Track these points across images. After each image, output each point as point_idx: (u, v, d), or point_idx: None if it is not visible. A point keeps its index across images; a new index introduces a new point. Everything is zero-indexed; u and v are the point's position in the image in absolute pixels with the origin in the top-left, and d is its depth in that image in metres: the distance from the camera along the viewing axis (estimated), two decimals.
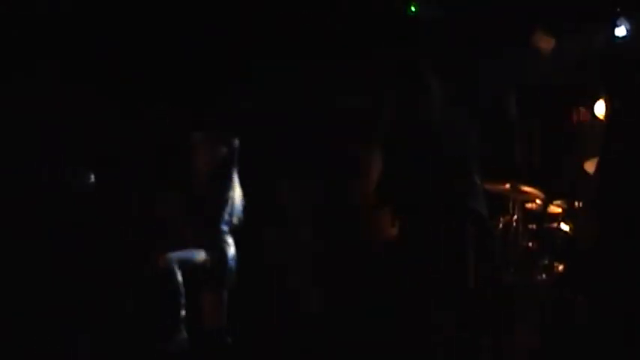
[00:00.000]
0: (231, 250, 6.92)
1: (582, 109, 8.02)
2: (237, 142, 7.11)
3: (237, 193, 7.03)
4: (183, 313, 6.63)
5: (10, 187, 7.57)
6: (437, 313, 6.05)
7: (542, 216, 7.54)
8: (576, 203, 7.31)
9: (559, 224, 7.37)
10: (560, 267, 7.14)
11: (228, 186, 6.94)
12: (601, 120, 7.85)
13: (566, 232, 7.31)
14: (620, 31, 7.66)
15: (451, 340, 6.15)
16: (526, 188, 7.56)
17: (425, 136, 5.90)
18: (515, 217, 7.51)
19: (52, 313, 7.36)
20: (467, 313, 6.29)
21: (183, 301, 6.65)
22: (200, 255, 6.79)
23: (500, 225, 7.42)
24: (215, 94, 8.39)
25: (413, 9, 7.76)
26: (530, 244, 7.48)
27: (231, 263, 6.92)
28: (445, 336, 6.06)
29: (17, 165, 7.74)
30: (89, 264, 7.76)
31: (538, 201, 7.62)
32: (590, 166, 7.46)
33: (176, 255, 6.75)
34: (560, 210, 7.54)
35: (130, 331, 7.19)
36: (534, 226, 7.57)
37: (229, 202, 6.93)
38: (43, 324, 7.22)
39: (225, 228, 6.93)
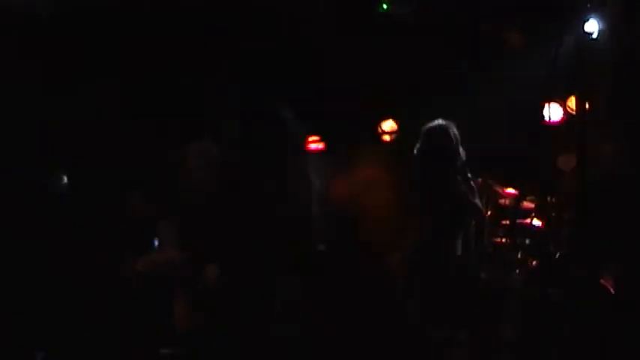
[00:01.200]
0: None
1: (555, 105, 8.05)
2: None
3: None
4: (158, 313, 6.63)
5: None
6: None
7: (515, 212, 7.57)
8: (548, 199, 7.35)
9: (532, 220, 7.41)
10: (534, 262, 7.20)
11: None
12: (573, 116, 7.90)
13: (538, 227, 7.35)
14: (591, 27, 7.70)
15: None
16: (499, 184, 7.61)
17: None
18: (489, 212, 7.55)
19: (27, 311, 7.35)
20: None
21: (159, 302, 6.66)
22: (174, 256, 6.76)
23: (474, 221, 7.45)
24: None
25: (385, 7, 7.78)
26: (504, 239, 7.52)
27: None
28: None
29: None
30: (66, 263, 7.74)
31: (510, 197, 7.66)
32: (563, 162, 7.51)
33: (151, 257, 6.75)
34: (532, 206, 7.58)
35: (106, 330, 7.18)
36: (507, 222, 7.60)
37: None
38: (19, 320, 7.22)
39: None
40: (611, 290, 6.55)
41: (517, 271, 7.22)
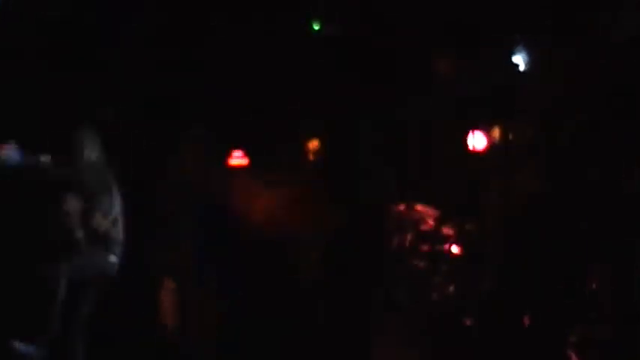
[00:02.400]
0: None
1: (478, 134, 8.13)
2: None
3: None
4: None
5: None
6: None
7: (435, 237, 7.61)
8: (467, 226, 7.44)
9: (450, 246, 7.46)
10: (451, 288, 7.26)
11: None
12: (496, 145, 7.99)
13: (456, 254, 7.42)
14: (518, 58, 7.81)
15: None
16: (420, 209, 7.65)
17: None
18: (409, 237, 7.58)
19: None
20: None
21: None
22: None
23: (394, 244, 7.50)
24: None
25: (315, 27, 7.78)
26: (422, 264, 7.55)
27: None
28: None
29: None
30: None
31: (431, 222, 7.70)
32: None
33: None
34: (452, 232, 7.63)
35: None
36: (427, 247, 7.64)
37: None
38: None
39: None
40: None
41: (435, 295, 7.27)
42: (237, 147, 8.59)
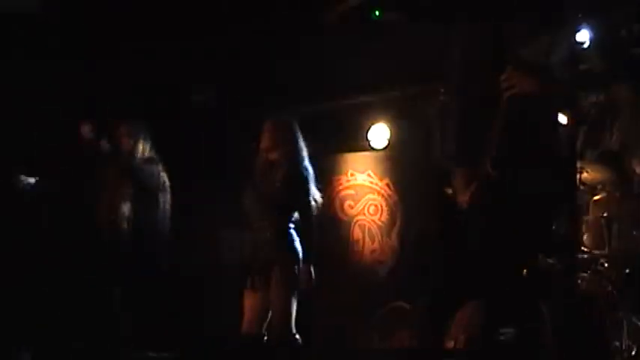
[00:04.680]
0: None
1: None
2: None
3: None
4: None
5: None
6: None
7: None
8: None
9: None
10: None
11: None
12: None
13: None
14: (582, 37, 7.70)
15: None
16: None
17: None
18: None
19: None
20: None
21: None
22: None
23: None
24: None
25: (377, 13, 7.76)
26: None
27: None
28: None
29: None
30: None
31: None
32: None
33: None
34: None
35: None
36: None
37: None
38: None
39: None
40: None
41: None
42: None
